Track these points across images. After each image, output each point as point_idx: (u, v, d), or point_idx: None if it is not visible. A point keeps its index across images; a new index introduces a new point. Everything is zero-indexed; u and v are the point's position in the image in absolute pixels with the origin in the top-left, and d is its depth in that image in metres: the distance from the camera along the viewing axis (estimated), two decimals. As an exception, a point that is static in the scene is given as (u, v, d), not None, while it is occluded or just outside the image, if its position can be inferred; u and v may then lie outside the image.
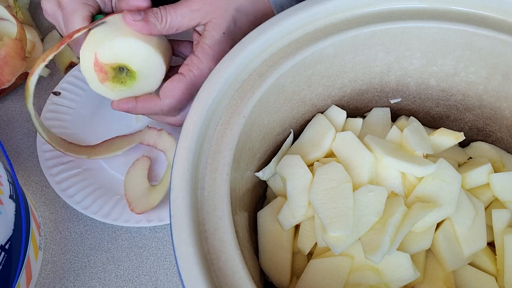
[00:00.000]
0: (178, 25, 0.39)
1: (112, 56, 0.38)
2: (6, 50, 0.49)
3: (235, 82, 0.32)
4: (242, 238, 0.31)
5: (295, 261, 0.35)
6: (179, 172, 0.28)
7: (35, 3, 0.64)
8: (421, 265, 0.33)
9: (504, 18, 0.34)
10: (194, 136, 0.29)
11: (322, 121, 0.38)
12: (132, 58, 0.39)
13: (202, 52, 0.39)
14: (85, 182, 0.46)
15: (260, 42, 0.33)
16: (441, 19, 0.34)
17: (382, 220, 0.32)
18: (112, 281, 0.43)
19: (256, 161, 0.36)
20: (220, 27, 0.39)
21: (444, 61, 0.37)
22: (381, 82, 0.39)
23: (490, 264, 0.34)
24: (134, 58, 0.39)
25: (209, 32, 0.39)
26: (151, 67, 0.40)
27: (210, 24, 0.39)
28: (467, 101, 0.39)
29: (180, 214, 0.26)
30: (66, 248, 0.45)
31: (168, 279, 0.43)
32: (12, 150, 0.51)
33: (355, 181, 0.34)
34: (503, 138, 0.39)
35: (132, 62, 0.39)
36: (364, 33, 0.35)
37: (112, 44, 0.38)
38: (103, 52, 0.38)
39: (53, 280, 0.43)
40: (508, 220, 0.33)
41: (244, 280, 0.25)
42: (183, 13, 0.39)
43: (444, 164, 0.34)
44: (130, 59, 0.39)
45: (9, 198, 0.38)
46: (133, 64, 0.39)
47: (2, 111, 0.55)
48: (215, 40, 0.39)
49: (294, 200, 0.34)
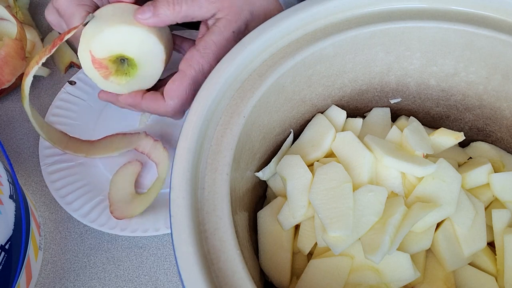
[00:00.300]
0: (194, 14, 0.38)
1: (105, 49, 0.38)
2: (6, 50, 0.49)
3: (235, 82, 0.32)
4: (242, 238, 0.31)
5: (295, 261, 0.35)
6: (179, 172, 0.28)
7: (35, 3, 0.64)
8: (421, 265, 0.33)
9: (504, 18, 0.34)
10: (194, 136, 0.29)
11: (322, 121, 0.38)
12: (126, 45, 0.38)
13: (205, 46, 0.38)
14: (84, 189, 0.46)
15: (260, 42, 0.33)
16: (441, 19, 0.34)
17: (382, 220, 0.32)
18: (112, 281, 0.43)
19: (256, 161, 0.36)
20: (231, 26, 0.39)
21: (444, 61, 0.37)
22: (381, 82, 0.39)
23: (490, 264, 0.34)
24: (128, 45, 0.38)
25: (219, 28, 0.39)
26: (149, 50, 0.39)
27: (223, 21, 0.39)
28: (467, 101, 0.39)
29: (180, 214, 0.26)
30: (66, 248, 0.45)
31: (168, 279, 0.43)
32: (12, 150, 0.51)
33: (355, 181, 0.34)
34: (503, 138, 0.39)
35: (127, 49, 0.38)
36: (364, 33, 0.35)
37: (103, 36, 0.37)
38: (96, 47, 0.38)
39: (53, 280, 0.43)
40: (508, 220, 0.33)
41: (244, 280, 0.25)
42: (201, 3, 0.38)
43: (444, 164, 0.34)
44: (124, 46, 0.38)
45: (9, 198, 0.38)
46: (128, 51, 0.38)
47: (2, 111, 0.55)
48: (222, 36, 0.38)
49: (294, 200, 0.34)
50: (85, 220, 0.43)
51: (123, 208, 0.44)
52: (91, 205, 0.45)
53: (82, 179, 0.47)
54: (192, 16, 0.39)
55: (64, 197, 0.45)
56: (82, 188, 0.46)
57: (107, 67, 0.39)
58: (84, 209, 0.44)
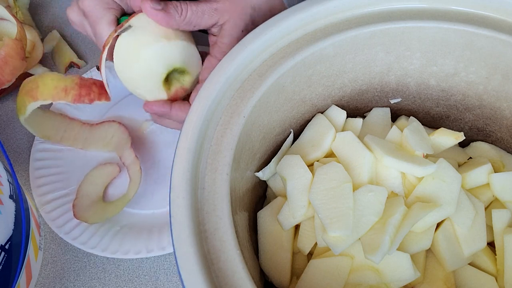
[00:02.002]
0: (197, 21, 0.39)
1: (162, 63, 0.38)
2: (6, 50, 0.49)
3: (235, 82, 0.32)
4: (242, 238, 0.31)
5: (295, 261, 0.35)
6: (179, 172, 0.28)
7: (35, 3, 0.64)
8: (421, 265, 0.33)
9: (504, 18, 0.34)
10: (194, 136, 0.29)
11: (322, 121, 0.38)
12: (174, 57, 0.38)
13: (220, 51, 0.39)
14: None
15: (260, 42, 0.33)
16: (441, 19, 0.34)
17: (382, 220, 0.32)
18: (112, 281, 0.43)
19: (256, 161, 0.36)
20: (238, 26, 0.39)
21: (444, 61, 0.37)
22: (381, 82, 0.39)
23: (490, 264, 0.34)
24: (175, 56, 0.38)
25: (227, 31, 0.39)
26: (191, 58, 0.40)
27: (228, 23, 0.39)
28: (467, 101, 0.39)
29: (180, 214, 0.26)
30: (66, 248, 0.45)
31: (168, 279, 0.43)
32: (12, 150, 0.51)
33: (355, 181, 0.34)
34: (503, 138, 0.39)
35: (176, 61, 0.39)
36: (364, 33, 0.35)
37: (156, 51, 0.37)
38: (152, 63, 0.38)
39: (53, 280, 0.43)
40: (508, 220, 0.33)
41: (244, 280, 0.25)
42: (203, 10, 0.38)
43: (444, 164, 0.34)
44: (173, 59, 0.38)
45: (9, 198, 0.38)
46: (177, 62, 0.39)
47: (2, 111, 0.55)
48: (233, 38, 0.39)
49: (294, 200, 0.34)
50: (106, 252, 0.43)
51: (84, 209, 0.43)
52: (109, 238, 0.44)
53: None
54: (195, 23, 0.39)
55: (77, 239, 0.43)
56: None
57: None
58: (104, 244, 0.43)
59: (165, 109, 0.40)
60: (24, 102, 0.41)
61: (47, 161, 0.48)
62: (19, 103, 0.42)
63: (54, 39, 0.59)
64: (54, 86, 0.40)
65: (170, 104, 0.40)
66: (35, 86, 0.40)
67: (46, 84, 0.40)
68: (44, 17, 0.63)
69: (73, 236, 0.43)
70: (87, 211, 0.44)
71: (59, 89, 0.40)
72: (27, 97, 0.41)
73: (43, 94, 0.40)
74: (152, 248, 0.42)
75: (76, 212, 0.43)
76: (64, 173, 0.48)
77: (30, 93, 0.40)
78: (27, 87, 0.41)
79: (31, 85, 0.41)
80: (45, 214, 0.44)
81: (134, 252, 0.42)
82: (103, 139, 0.50)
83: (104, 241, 0.43)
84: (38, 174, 0.47)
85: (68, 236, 0.43)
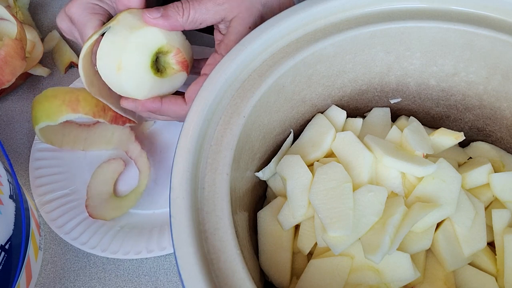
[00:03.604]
0: (202, 18, 0.38)
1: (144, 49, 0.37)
2: (6, 50, 0.49)
3: (235, 82, 0.32)
4: (242, 238, 0.31)
5: (295, 261, 0.35)
6: (179, 172, 0.28)
7: (35, 3, 0.64)
8: (421, 265, 0.33)
9: (504, 18, 0.34)
10: (194, 136, 0.29)
11: (322, 121, 0.38)
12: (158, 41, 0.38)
13: (226, 49, 0.38)
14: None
15: (260, 42, 0.33)
16: (441, 19, 0.34)
17: (382, 220, 0.32)
18: (112, 281, 0.43)
19: (256, 161, 0.36)
20: (246, 22, 0.39)
21: (444, 61, 0.37)
22: (381, 82, 0.39)
23: (490, 264, 0.34)
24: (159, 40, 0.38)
25: (235, 28, 0.38)
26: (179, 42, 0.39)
27: (236, 19, 0.38)
28: (467, 101, 0.39)
29: (180, 214, 0.26)
30: (66, 248, 0.45)
31: (168, 279, 0.43)
32: (12, 150, 0.51)
33: (355, 181, 0.34)
34: (503, 138, 0.39)
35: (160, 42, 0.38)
36: (364, 33, 0.35)
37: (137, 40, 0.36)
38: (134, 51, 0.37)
39: (53, 280, 0.43)
40: (508, 220, 0.33)
41: (244, 280, 0.25)
42: (208, 7, 0.38)
43: (444, 164, 0.34)
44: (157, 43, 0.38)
45: (9, 198, 0.38)
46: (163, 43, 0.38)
47: (2, 111, 0.55)
48: (240, 34, 0.38)
49: (294, 200, 0.34)
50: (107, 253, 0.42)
51: (99, 207, 0.44)
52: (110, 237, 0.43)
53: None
54: (200, 20, 0.38)
55: (77, 239, 0.43)
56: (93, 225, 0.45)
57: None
58: (104, 244, 0.43)
59: (156, 105, 0.40)
60: (62, 111, 0.41)
61: (47, 161, 0.48)
62: (51, 109, 0.41)
63: (54, 39, 0.59)
64: (95, 103, 0.41)
65: (161, 100, 0.40)
66: (75, 99, 0.41)
67: (87, 100, 0.41)
68: (44, 17, 0.63)
69: (73, 236, 0.43)
70: (102, 209, 0.44)
71: (99, 107, 0.42)
72: (66, 107, 0.41)
73: (85, 109, 0.41)
74: (152, 248, 0.42)
75: (91, 212, 0.43)
76: (64, 173, 0.48)
77: (71, 105, 0.41)
78: (67, 98, 0.41)
79: (69, 96, 0.41)
80: (45, 214, 0.44)
81: (135, 253, 0.42)
82: (104, 137, 0.50)
83: (104, 241, 0.42)
84: (38, 174, 0.47)
85: (68, 236, 0.43)
